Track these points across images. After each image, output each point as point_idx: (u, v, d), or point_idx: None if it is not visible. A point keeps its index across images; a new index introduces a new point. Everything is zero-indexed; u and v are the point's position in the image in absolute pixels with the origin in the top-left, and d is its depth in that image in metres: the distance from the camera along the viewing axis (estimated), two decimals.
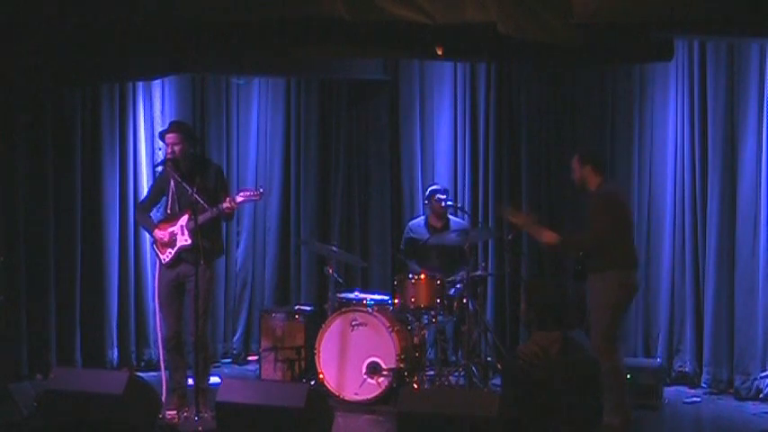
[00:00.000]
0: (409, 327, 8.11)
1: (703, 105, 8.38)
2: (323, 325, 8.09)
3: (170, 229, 7.39)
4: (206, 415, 6.92)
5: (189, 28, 6.70)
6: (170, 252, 7.38)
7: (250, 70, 9.21)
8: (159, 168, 8.02)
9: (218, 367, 9.15)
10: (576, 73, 9.00)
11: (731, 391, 8.23)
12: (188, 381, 7.44)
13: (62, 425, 6.28)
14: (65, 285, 8.70)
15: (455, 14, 6.02)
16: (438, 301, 8.05)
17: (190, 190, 7.19)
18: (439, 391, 7.42)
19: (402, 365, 7.83)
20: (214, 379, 7.74)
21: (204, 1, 6.47)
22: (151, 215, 7.71)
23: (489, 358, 8.45)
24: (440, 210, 8.67)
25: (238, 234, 9.83)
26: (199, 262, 7.15)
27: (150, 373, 8.43)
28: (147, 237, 8.54)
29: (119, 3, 6.57)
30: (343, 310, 8.09)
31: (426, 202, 8.81)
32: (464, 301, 8.14)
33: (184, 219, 7.29)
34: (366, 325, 7.94)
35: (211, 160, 8.00)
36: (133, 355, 9.14)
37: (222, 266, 9.32)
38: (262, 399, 6.13)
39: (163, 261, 7.43)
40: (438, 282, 8.09)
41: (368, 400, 7.84)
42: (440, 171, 9.49)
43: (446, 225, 8.72)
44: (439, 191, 8.68)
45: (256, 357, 9.20)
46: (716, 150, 8.32)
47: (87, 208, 8.88)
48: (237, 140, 9.87)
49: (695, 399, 8.17)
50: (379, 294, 8.49)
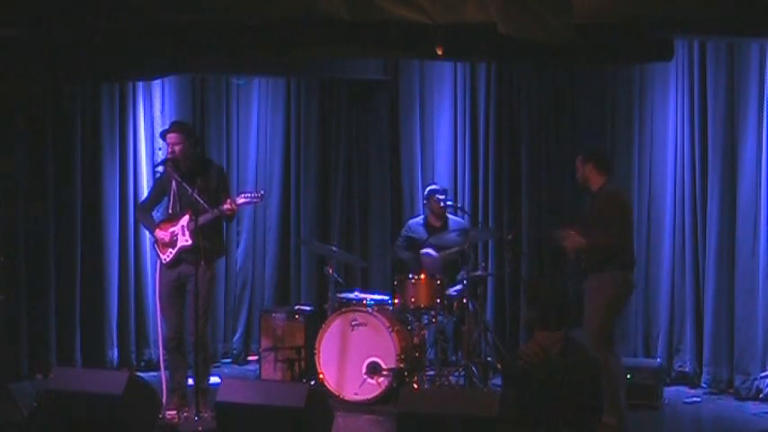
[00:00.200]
0: (409, 327, 8.11)
1: (703, 105, 8.39)
2: (323, 325, 8.10)
3: (171, 229, 7.39)
4: (206, 415, 6.92)
5: (189, 28, 6.70)
6: (171, 252, 7.38)
7: (250, 70, 9.21)
8: (159, 168, 8.01)
9: (218, 367, 9.15)
10: (576, 73, 9.00)
11: (731, 391, 8.23)
12: (188, 381, 7.44)
13: (62, 425, 6.28)
14: (65, 285, 8.71)
15: (455, 14, 6.02)
16: (438, 301, 8.06)
17: (190, 190, 7.19)
18: (439, 391, 7.42)
19: (402, 365, 7.83)
20: (214, 379, 7.74)
21: (204, 1, 6.47)
22: (153, 215, 7.72)
23: (489, 358, 8.46)
24: (439, 210, 8.68)
25: (238, 234, 9.83)
26: (199, 262, 7.16)
27: (150, 373, 8.42)
28: (148, 237, 8.56)
29: (119, 3, 6.58)
30: (343, 310, 8.10)
31: (425, 202, 8.82)
32: (464, 301, 8.15)
33: (185, 219, 7.29)
34: (366, 325, 7.94)
35: (213, 161, 8.00)
36: (133, 355, 9.14)
37: (222, 266, 9.31)
38: (262, 399, 6.13)
39: (163, 261, 7.43)
40: (438, 282, 8.09)
41: (368, 400, 7.84)
42: (440, 171, 9.49)
43: (445, 225, 8.72)
44: (438, 191, 8.69)
45: (256, 357, 9.20)
46: (716, 150, 8.32)
47: (87, 208, 8.88)
48: (237, 140, 9.87)
49: (695, 399, 8.17)
50: (379, 294, 8.49)
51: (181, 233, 7.33)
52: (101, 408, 6.16)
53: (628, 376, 7.64)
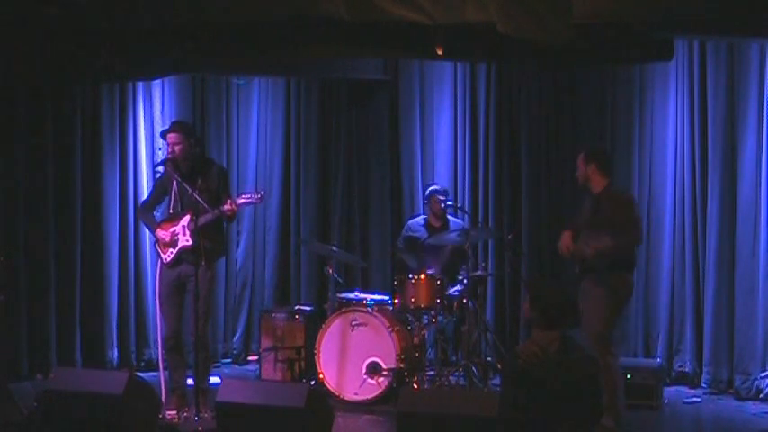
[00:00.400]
0: (409, 327, 8.11)
1: (703, 105, 8.39)
2: (323, 325, 8.10)
3: (171, 229, 7.39)
4: (206, 415, 6.92)
5: (189, 28, 6.70)
6: (171, 252, 7.38)
7: (250, 70, 9.21)
8: (159, 168, 8.01)
9: (218, 367, 9.15)
10: (576, 73, 9.00)
11: (731, 391, 8.23)
12: (188, 381, 7.44)
13: (62, 425, 6.28)
14: (65, 285, 8.70)
15: (455, 14, 6.02)
16: (438, 301, 8.06)
17: (190, 190, 7.19)
18: (439, 391, 7.42)
19: (402, 365, 7.83)
20: (214, 379, 7.74)
21: (205, 1, 6.47)
22: (154, 215, 7.72)
23: (489, 358, 8.46)
24: (439, 210, 8.67)
25: (238, 234, 9.83)
26: (200, 262, 7.15)
27: (150, 373, 8.42)
28: (148, 237, 8.57)
29: (119, 3, 6.58)
30: (343, 310, 8.10)
31: (426, 202, 8.81)
32: (464, 301, 8.15)
33: (186, 219, 7.29)
34: (366, 325, 7.94)
35: (214, 161, 7.99)
36: (133, 355, 9.14)
37: (222, 266, 9.32)
38: (262, 399, 6.13)
39: (164, 261, 7.44)
40: (438, 282, 8.09)
41: (368, 400, 7.84)
42: (440, 171, 9.49)
43: (445, 225, 8.72)
44: (438, 191, 8.68)
45: (256, 357, 9.20)
46: (716, 150, 8.32)
47: (87, 208, 8.88)
48: (237, 140, 9.87)
49: (695, 399, 8.17)
50: (379, 294, 8.49)
51: (181, 233, 7.33)
52: (101, 408, 6.16)
53: (628, 376, 7.64)
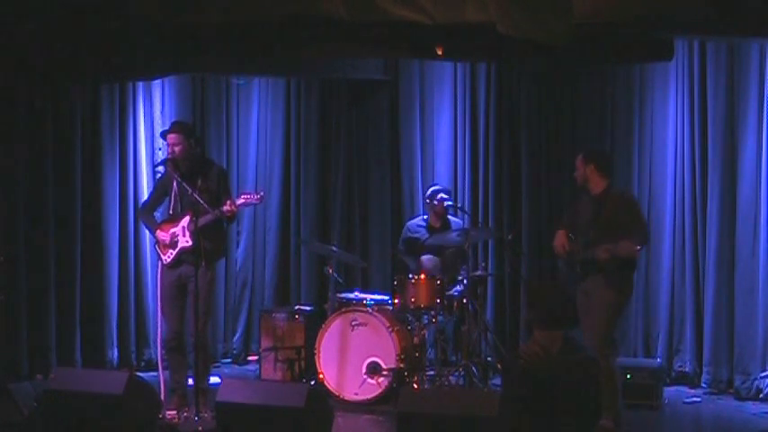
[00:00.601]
0: (409, 327, 8.11)
1: (703, 105, 8.39)
2: (323, 325, 8.10)
3: (171, 230, 7.39)
4: (206, 415, 6.92)
5: (189, 28, 6.70)
6: (171, 253, 7.38)
7: (250, 70, 9.21)
8: (160, 169, 8.01)
9: (218, 367, 9.15)
10: (576, 73, 9.00)
11: (731, 391, 8.23)
12: (188, 381, 7.44)
13: (62, 425, 6.28)
14: (65, 285, 8.70)
15: (455, 14, 6.03)
16: (438, 301, 8.05)
17: (190, 190, 7.19)
18: (439, 391, 7.42)
19: (402, 365, 7.83)
20: (214, 379, 7.74)
21: (204, 1, 6.47)
22: (154, 215, 7.72)
23: (489, 358, 8.46)
24: (441, 210, 8.67)
25: (238, 234, 9.83)
26: (200, 263, 7.15)
27: (150, 373, 8.42)
28: (148, 237, 8.56)
29: (119, 3, 6.58)
30: (343, 310, 8.10)
31: (428, 202, 8.80)
32: (464, 301, 8.14)
33: (186, 220, 7.29)
34: (366, 325, 7.94)
35: (214, 161, 8.00)
36: (133, 355, 9.14)
37: (222, 266, 9.31)
38: (262, 399, 6.13)
39: (164, 262, 7.44)
40: (438, 282, 8.09)
41: (368, 400, 7.84)
42: (440, 171, 9.49)
43: (445, 225, 8.72)
44: (441, 191, 8.68)
45: (256, 357, 9.20)
46: (716, 150, 8.32)
47: (87, 208, 8.88)
48: (237, 140, 9.87)
49: (695, 399, 8.17)
50: (379, 294, 8.49)
51: (181, 234, 7.33)
52: (101, 408, 6.17)
53: (628, 376, 7.65)
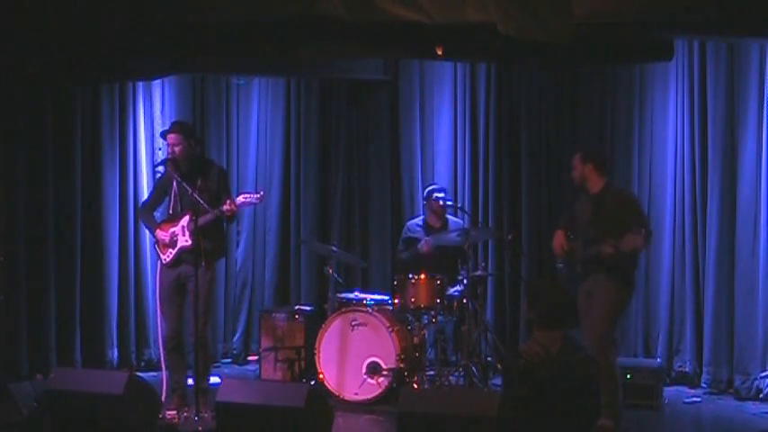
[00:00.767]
0: (409, 327, 8.11)
1: (703, 105, 8.38)
2: (323, 325, 8.10)
3: (171, 230, 7.39)
4: (206, 415, 6.92)
5: (189, 28, 6.70)
6: (171, 252, 7.38)
7: (250, 70, 9.21)
8: (159, 168, 8.02)
9: (218, 367, 9.15)
10: (576, 73, 9.00)
11: (731, 391, 8.23)
12: (188, 381, 7.44)
13: (62, 425, 6.28)
14: (65, 285, 8.70)
15: (455, 14, 6.02)
16: (438, 301, 8.05)
17: (190, 190, 7.19)
18: (439, 391, 7.42)
19: (402, 365, 7.83)
20: (214, 379, 7.74)
21: (204, 1, 6.47)
22: (154, 215, 7.72)
23: (489, 358, 8.46)
24: (439, 210, 8.67)
25: (238, 234, 9.83)
26: (199, 263, 7.15)
27: (150, 373, 8.43)
28: (148, 237, 8.56)
29: (119, 3, 6.58)
30: (343, 310, 8.10)
31: (425, 202, 8.81)
32: (464, 301, 8.14)
33: (185, 219, 7.29)
34: (366, 325, 7.94)
35: (213, 161, 8.00)
36: (133, 355, 9.14)
37: (222, 267, 9.31)
38: (262, 399, 6.13)
39: (163, 261, 7.44)
40: (438, 282, 8.09)
41: (368, 400, 7.84)
42: (440, 171, 9.49)
43: (444, 225, 8.72)
44: (437, 190, 8.68)
45: (256, 357, 9.20)
46: (716, 150, 8.32)
47: (87, 208, 8.88)
48: (237, 140, 9.88)
49: (695, 399, 8.17)
50: (379, 294, 8.49)
51: (181, 233, 7.33)
52: (101, 408, 6.17)
53: (628, 376, 7.65)
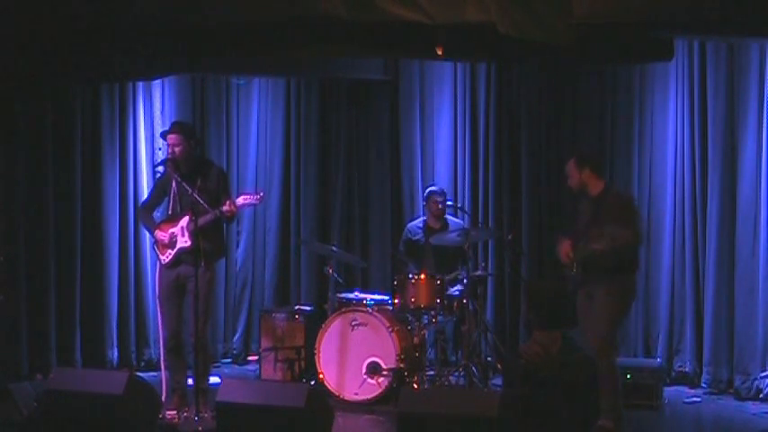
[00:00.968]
0: (409, 327, 8.11)
1: (703, 105, 8.38)
2: (323, 325, 8.10)
3: (170, 230, 7.39)
4: (206, 415, 6.92)
5: (189, 28, 6.70)
6: (170, 253, 7.38)
7: (250, 70, 9.21)
8: (159, 168, 8.02)
9: (218, 367, 9.15)
10: (576, 73, 9.00)
11: (731, 391, 8.22)
12: (188, 381, 7.44)
13: (62, 425, 6.28)
14: (65, 285, 8.70)
15: (455, 14, 6.02)
16: (438, 301, 8.05)
17: (190, 190, 7.19)
18: (439, 391, 7.42)
19: (402, 365, 7.83)
20: (214, 379, 7.74)
21: (205, 1, 6.47)
22: (154, 215, 7.72)
23: (489, 358, 8.46)
24: (437, 211, 8.68)
25: (238, 234, 9.83)
26: (199, 263, 7.15)
27: (150, 373, 8.43)
28: (148, 237, 8.55)
29: (119, 2, 6.58)
30: (343, 310, 8.10)
31: (425, 204, 8.82)
32: (464, 301, 8.14)
33: (185, 220, 7.29)
34: (366, 325, 7.94)
35: (213, 162, 8.00)
36: (133, 355, 9.14)
37: (222, 267, 9.31)
38: (262, 399, 6.13)
39: (163, 262, 7.43)
40: (438, 282, 8.09)
41: (368, 400, 7.84)
42: (440, 171, 9.49)
43: (444, 226, 8.72)
44: (436, 192, 8.69)
45: (256, 357, 9.20)
46: (716, 150, 8.32)
47: (87, 208, 8.88)
48: (237, 140, 9.87)
49: (695, 399, 8.17)
50: (379, 294, 8.49)
51: (180, 234, 7.33)
52: (101, 408, 6.17)
53: (628, 376, 7.64)
